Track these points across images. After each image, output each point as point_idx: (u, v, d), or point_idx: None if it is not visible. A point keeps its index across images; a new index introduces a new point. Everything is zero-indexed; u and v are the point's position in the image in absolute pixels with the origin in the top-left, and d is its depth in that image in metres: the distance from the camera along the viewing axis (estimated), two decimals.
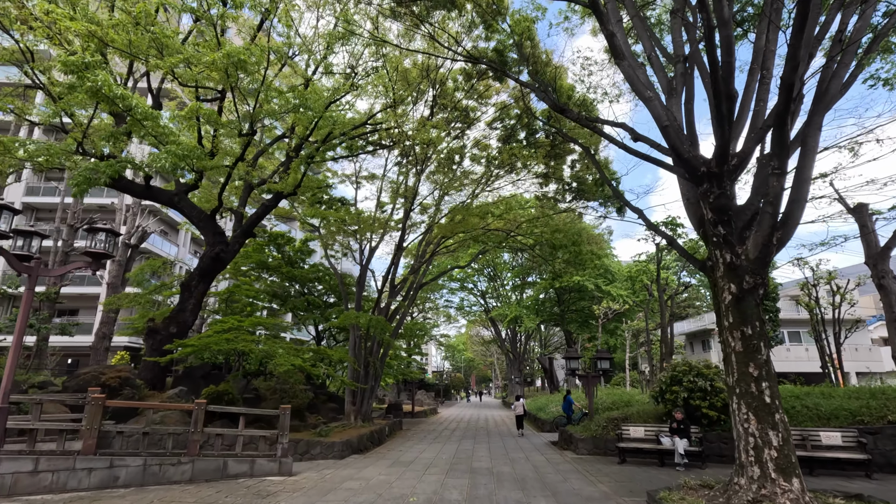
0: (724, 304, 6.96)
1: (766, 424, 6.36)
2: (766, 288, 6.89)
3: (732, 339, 6.79)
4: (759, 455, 6.31)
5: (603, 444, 13.11)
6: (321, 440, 12.87)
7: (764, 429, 6.36)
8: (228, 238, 17.66)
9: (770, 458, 6.22)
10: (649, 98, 7.49)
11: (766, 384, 6.50)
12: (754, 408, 6.46)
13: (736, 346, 6.74)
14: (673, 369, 12.69)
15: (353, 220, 19.14)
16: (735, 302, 6.81)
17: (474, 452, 13.74)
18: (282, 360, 13.41)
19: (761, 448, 6.31)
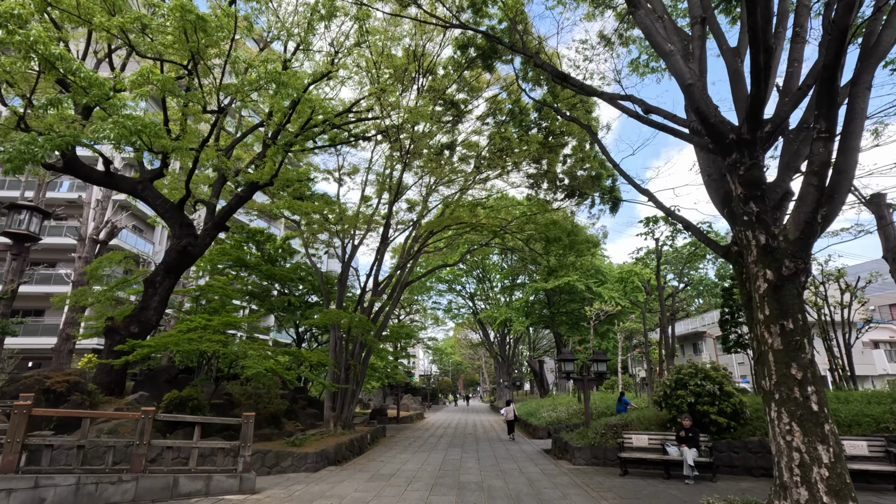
0: (757, 295, 5.85)
1: (813, 437, 5.25)
2: (809, 274, 5.80)
3: (769, 336, 5.67)
4: (806, 474, 5.19)
5: (602, 453, 11.96)
6: (293, 451, 11.54)
7: (811, 442, 5.24)
8: (199, 231, 16.34)
9: (820, 477, 5.10)
10: (670, 52, 6.39)
11: (811, 388, 5.40)
12: (799, 417, 5.34)
13: (774, 344, 5.62)
14: (678, 372, 11.60)
15: (333, 215, 17.85)
16: (772, 291, 5.70)
17: (462, 463, 12.51)
18: (251, 362, 12.06)
19: (809, 466, 5.19)
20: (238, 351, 12.65)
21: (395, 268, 19.18)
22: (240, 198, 16.30)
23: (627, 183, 8.35)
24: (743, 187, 5.99)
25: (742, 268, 6.46)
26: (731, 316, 14.28)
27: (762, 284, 5.79)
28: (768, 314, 5.70)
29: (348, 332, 17.36)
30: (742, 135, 5.90)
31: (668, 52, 6.38)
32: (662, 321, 14.37)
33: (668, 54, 6.37)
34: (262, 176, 15.72)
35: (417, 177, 20.70)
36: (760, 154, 6.02)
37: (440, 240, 22.41)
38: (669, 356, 14.05)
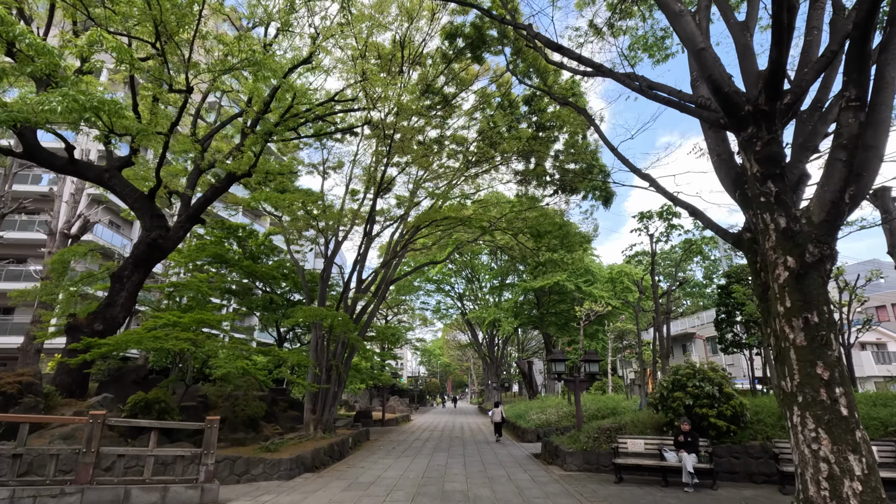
0: (776, 285, 5.18)
1: (844, 445, 4.58)
2: (835, 262, 5.14)
3: (790, 330, 5.00)
4: (836, 488, 4.52)
5: (595, 458, 11.26)
6: (265, 457, 10.67)
7: (842, 451, 4.57)
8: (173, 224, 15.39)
9: (853, 492, 4.43)
10: (680, 13, 5.73)
11: (840, 390, 4.73)
12: (826, 423, 4.67)
13: (796, 340, 4.95)
14: (675, 372, 10.96)
15: (315, 206, 17.00)
16: (794, 280, 5.04)
17: (447, 469, 11.73)
18: (222, 361, 11.18)
19: (839, 478, 4.51)
20: (209, 350, 11.75)
21: (380, 265, 18.36)
22: (216, 189, 15.38)
23: (627, 168, 7.68)
24: (759, 165, 5.33)
25: (756, 256, 5.80)
26: (727, 315, 13.72)
27: (782, 273, 5.12)
28: (789, 306, 5.03)
29: (330, 331, 16.50)
30: (759, 106, 5.24)
31: (678, 12, 5.71)
32: (657, 320, 13.76)
33: (678, 15, 5.70)
34: (239, 166, 14.85)
35: (404, 171, 19.93)
36: (779, 128, 5.37)
37: (428, 236, 21.65)
38: (664, 356, 13.43)
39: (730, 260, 30.79)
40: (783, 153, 5.34)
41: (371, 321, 18.95)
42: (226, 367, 10.99)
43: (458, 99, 19.75)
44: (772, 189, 5.27)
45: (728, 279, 14.20)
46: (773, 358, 5.38)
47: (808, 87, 5.54)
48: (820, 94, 6.62)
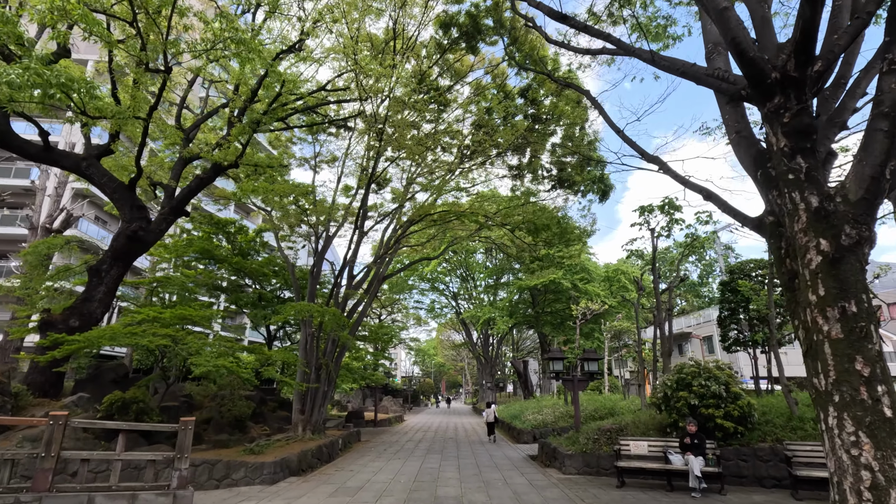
0: (807, 271, 4.62)
1: (889, 451, 4.02)
2: (874, 244, 4.59)
3: (824, 322, 4.44)
4: (881, 499, 3.95)
5: (595, 461, 10.70)
6: (247, 460, 10.02)
7: (887, 458, 4.01)
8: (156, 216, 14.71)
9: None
10: None
11: (882, 388, 4.17)
12: (868, 425, 4.11)
13: (831, 332, 4.39)
14: (679, 371, 10.42)
15: (305, 198, 16.36)
16: (828, 266, 4.48)
17: (440, 472, 11.13)
18: (203, 360, 10.52)
19: (885, 489, 3.95)
20: (190, 347, 11.09)
21: (373, 261, 17.73)
22: (201, 180, 14.70)
23: (634, 151, 7.13)
24: (787, 139, 4.78)
25: (781, 241, 5.25)
26: (730, 312, 13.21)
27: (814, 258, 4.56)
28: (823, 295, 4.47)
29: (319, 329, 15.86)
30: (788, 72, 4.69)
31: None
32: (658, 317, 13.23)
33: None
34: (226, 157, 14.18)
35: (397, 164, 19.30)
36: (809, 98, 4.83)
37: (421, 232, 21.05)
38: (666, 355, 12.90)
39: (727, 259, 30.43)
40: (814, 124, 4.79)
41: (363, 318, 18.31)
42: (206, 365, 10.33)
43: (452, 92, 19.17)
44: (801, 165, 4.71)
45: (731, 275, 13.70)
46: (803, 353, 4.82)
47: (839, 54, 4.98)
48: (842, 69, 6.11)
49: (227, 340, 12.57)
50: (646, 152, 7.03)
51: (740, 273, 13.53)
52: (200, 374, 10.62)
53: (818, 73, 4.85)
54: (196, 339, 11.34)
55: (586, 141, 17.62)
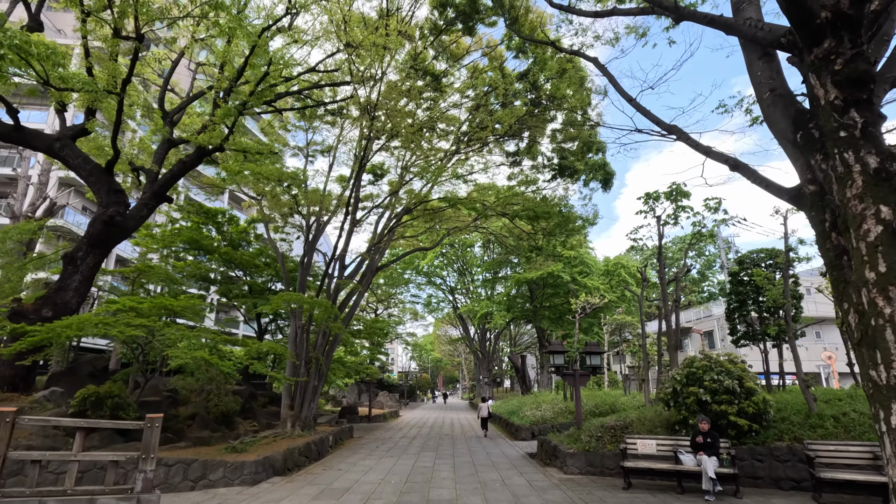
0: (863, 244, 3.90)
1: None
2: None
3: (886, 303, 3.72)
4: None
5: (599, 460, 10.01)
6: (226, 459, 9.28)
7: None
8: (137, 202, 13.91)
9: None
10: None
11: None
12: None
13: (895, 315, 3.66)
14: (689, 365, 9.73)
15: (296, 184, 15.57)
16: (891, 237, 3.75)
17: (434, 472, 10.42)
18: (180, 351, 9.77)
19: None
20: (168, 339, 10.32)
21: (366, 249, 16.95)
22: (184, 164, 13.89)
23: (649, 120, 6.38)
24: (840, 89, 4.05)
25: (825, 213, 4.52)
26: (740, 304, 12.51)
27: (873, 228, 3.84)
28: (884, 271, 3.75)
29: (310, 320, 15.13)
30: (841, 9, 3.96)
31: None
32: (665, 309, 12.53)
33: None
34: (211, 139, 13.38)
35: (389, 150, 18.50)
36: (865, 41, 4.10)
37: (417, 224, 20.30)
38: (672, 349, 12.20)
39: (727, 253, 29.76)
40: (872, 71, 4.07)
41: (355, 310, 17.57)
42: (184, 357, 9.57)
43: (448, 76, 18.36)
44: (856, 120, 3.98)
45: (740, 265, 13.00)
46: (855, 342, 4.10)
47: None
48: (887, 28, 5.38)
49: (210, 332, 11.81)
50: (661, 121, 6.30)
51: (750, 263, 12.83)
52: (177, 366, 9.85)
53: (876, 12, 4.10)
54: (175, 330, 10.57)
55: (588, 126, 16.87)
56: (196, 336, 10.75)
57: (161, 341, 10.33)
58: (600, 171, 16.89)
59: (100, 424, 7.34)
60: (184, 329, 10.94)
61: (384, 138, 16.98)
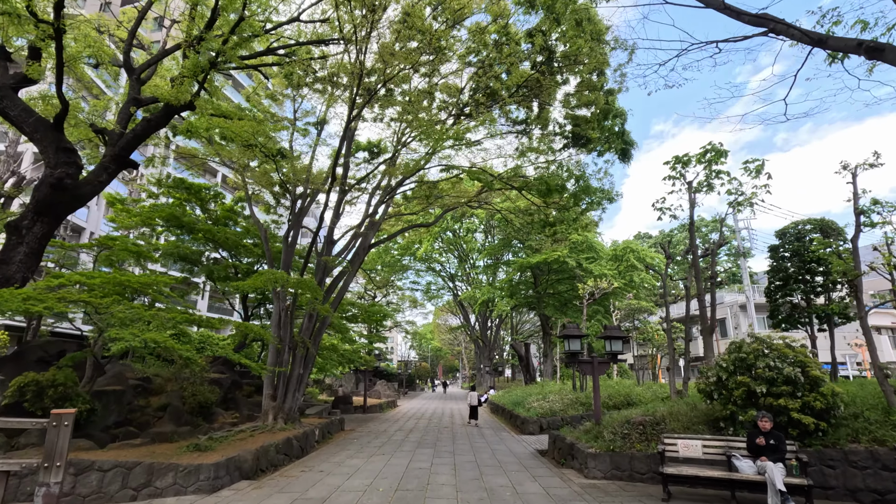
0: None
1: None
2: None
3: None
4: None
5: (627, 462, 8.31)
6: (179, 461, 7.56)
7: None
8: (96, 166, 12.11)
9: None
10: None
11: None
12: None
13: None
14: (737, 350, 7.99)
15: (268, 143, 13.72)
16: None
17: (432, 475, 8.73)
18: (127, 333, 8.04)
19: None
20: (119, 318, 8.58)
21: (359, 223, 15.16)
22: (148, 122, 12.00)
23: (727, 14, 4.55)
24: None
25: None
26: (783, 282, 10.76)
27: None
28: None
29: (294, 302, 13.41)
30: None
31: None
32: (698, 287, 10.77)
33: None
34: (179, 94, 11.54)
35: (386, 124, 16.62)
36: None
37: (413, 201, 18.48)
38: (708, 332, 10.46)
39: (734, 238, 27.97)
40: None
41: (345, 292, 15.82)
42: (130, 339, 7.85)
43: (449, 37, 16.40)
44: None
45: (783, 238, 11.22)
46: None
47: None
48: None
49: (174, 311, 10.08)
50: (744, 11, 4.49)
51: (793, 236, 11.05)
52: (118, 351, 8.10)
53: None
54: (128, 308, 8.83)
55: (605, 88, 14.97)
56: (155, 316, 9.00)
57: (106, 320, 8.59)
58: (618, 140, 15.05)
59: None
60: (139, 308, 9.19)
61: (379, 79, 15.03)
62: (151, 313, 8.93)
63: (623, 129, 15.12)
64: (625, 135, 15.05)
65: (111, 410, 11.16)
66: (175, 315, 9.38)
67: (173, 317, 9.37)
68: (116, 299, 8.93)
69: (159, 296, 11.02)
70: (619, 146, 15.01)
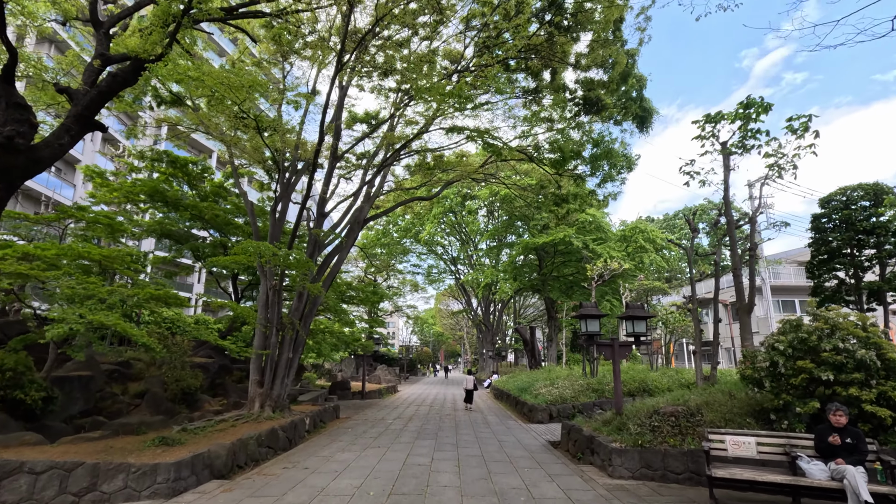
0: None
1: None
2: None
3: None
4: None
5: (660, 460, 7.07)
6: (132, 461, 6.32)
7: None
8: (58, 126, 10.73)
9: None
10: None
11: None
12: None
13: None
14: (794, 329, 6.69)
15: (240, 92, 12.25)
16: None
17: (432, 473, 7.52)
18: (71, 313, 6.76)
19: None
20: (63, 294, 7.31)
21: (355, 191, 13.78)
22: (114, 77, 10.60)
23: None
24: None
25: None
26: (830, 255, 9.42)
27: None
28: None
29: (282, 279, 12.14)
30: None
31: None
32: (734, 260, 9.44)
33: None
34: (146, 46, 10.11)
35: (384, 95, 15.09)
36: None
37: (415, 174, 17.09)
38: (746, 311, 9.16)
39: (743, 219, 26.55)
40: None
41: (339, 269, 14.52)
42: (73, 322, 6.56)
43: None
44: None
45: (827, 207, 9.85)
46: None
47: None
48: None
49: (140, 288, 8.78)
50: None
51: (842, 205, 9.67)
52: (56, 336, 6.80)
53: None
54: (79, 283, 7.54)
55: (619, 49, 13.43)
56: (113, 292, 7.71)
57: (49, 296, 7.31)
58: (635, 105, 13.58)
59: None
60: (95, 283, 7.89)
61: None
62: (108, 289, 7.64)
63: (641, 95, 13.65)
64: (643, 101, 13.58)
65: (76, 398, 9.95)
66: (138, 291, 8.08)
67: (137, 292, 8.07)
68: (68, 272, 7.63)
69: (128, 272, 9.74)
70: (637, 113, 13.54)
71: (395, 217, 31.96)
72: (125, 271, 9.77)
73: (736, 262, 9.34)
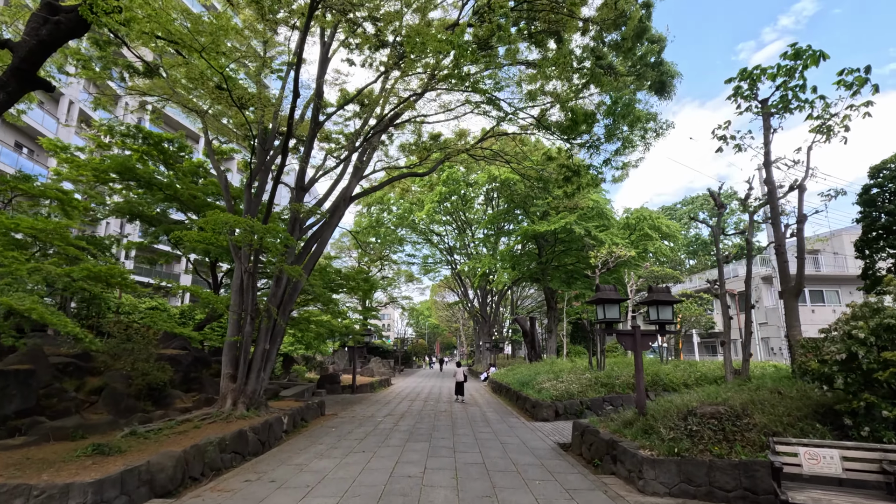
0: None
1: None
2: None
3: None
4: None
5: (704, 473, 5.70)
6: (31, 482, 4.89)
7: None
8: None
9: None
10: None
11: None
12: None
13: None
14: (875, 313, 5.32)
15: (204, 40, 10.72)
16: None
17: (424, 488, 6.13)
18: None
19: None
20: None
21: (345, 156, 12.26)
22: (58, 26, 9.03)
23: None
24: None
25: None
26: (884, 232, 8.07)
27: None
28: None
29: (257, 261, 10.68)
30: None
31: None
32: (777, 237, 8.08)
33: None
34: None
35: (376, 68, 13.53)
36: None
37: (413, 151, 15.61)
38: (793, 295, 7.80)
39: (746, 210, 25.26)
40: None
41: (322, 250, 13.05)
42: None
43: None
44: None
45: (876, 176, 8.47)
46: None
47: None
48: None
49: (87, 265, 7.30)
50: None
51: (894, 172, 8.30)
52: None
53: None
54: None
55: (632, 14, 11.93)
56: (36, 270, 6.23)
57: None
58: (653, 70, 12.12)
59: None
60: (16, 258, 6.40)
61: None
62: (30, 266, 6.15)
63: (660, 59, 12.18)
64: (662, 65, 12.12)
65: (11, 396, 8.49)
66: (72, 270, 6.60)
67: (69, 272, 6.59)
68: None
69: (71, 248, 8.25)
70: (655, 80, 12.07)
71: (387, 200, 30.41)
72: (67, 248, 8.28)
73: (780, 236, 7.98)
